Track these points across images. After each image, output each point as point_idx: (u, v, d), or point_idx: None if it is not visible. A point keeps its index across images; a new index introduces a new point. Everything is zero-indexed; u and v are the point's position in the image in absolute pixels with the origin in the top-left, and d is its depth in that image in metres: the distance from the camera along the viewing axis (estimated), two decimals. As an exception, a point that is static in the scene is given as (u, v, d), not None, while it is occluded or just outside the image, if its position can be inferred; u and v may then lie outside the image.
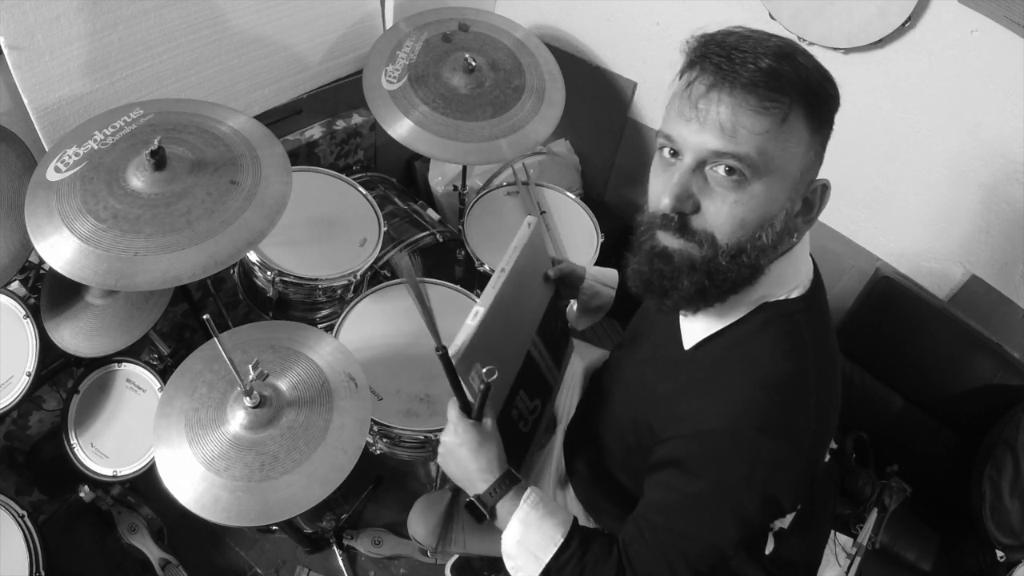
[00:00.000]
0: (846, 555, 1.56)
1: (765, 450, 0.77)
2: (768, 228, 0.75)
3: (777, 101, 0.70)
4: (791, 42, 0.74)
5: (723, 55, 0.71)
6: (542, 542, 0.87)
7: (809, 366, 0.80)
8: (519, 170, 1.87)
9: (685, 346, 0.87)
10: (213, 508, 1.03)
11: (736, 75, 0.70)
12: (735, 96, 0.70)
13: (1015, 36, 1.32)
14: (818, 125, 0.73)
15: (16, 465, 1.67)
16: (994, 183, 1.48)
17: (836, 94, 0.75)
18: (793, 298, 0.82)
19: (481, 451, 0.90)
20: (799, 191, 0.76)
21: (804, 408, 0.79)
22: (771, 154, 0.72)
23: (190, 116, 1.29)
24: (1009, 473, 1.47)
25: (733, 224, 0.74)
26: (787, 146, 0.72)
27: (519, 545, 0.88)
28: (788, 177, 0.74)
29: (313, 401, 1.16)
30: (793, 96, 0.70)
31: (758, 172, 0.72)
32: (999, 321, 1.60)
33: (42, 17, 1.32)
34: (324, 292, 1.53)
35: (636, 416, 0.93)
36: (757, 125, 0.70)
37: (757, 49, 0.71)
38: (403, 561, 1.76)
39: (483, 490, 0.90)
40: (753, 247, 0.75)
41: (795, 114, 0.71)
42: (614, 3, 1.94)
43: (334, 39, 1.88)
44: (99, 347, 1.37)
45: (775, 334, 0.80)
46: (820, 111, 0.73)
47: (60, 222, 1.11)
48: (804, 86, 0.71)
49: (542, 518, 0.89)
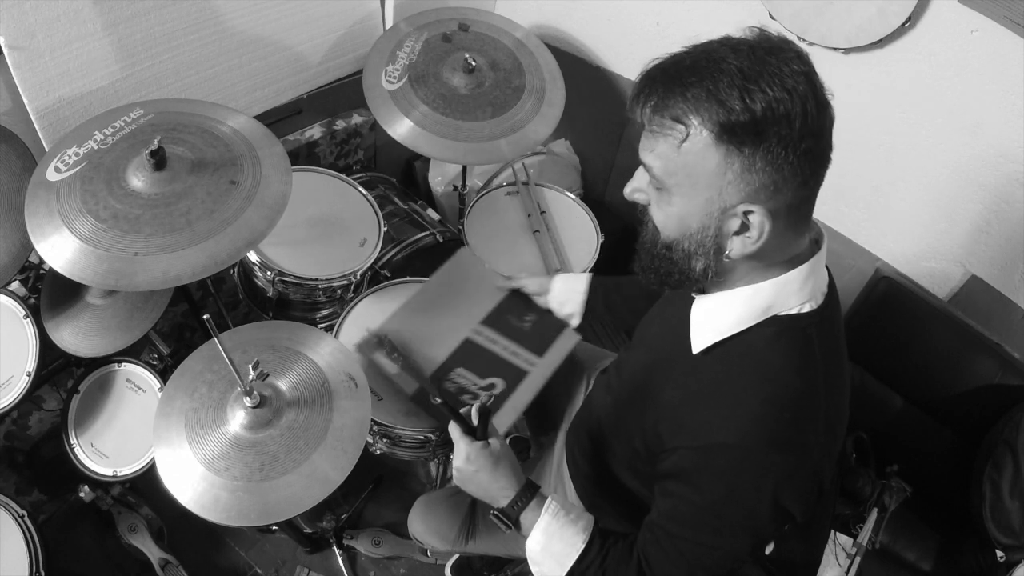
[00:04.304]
0: (846, 555, 1.56)
1: (775, 464, 0.78)
2: (689, 238, 0.80)
3: (666, 126, 0.73)
4: (725, 66, 0.70)
5: (642, 78, 0.76)
6: (565, 549, 0.92)
7: (819, 383, 0.81)
8: (519, 170, 1.87)
9: (694, 350, 0.88)
10: (213, 508, 1.03)
11: (641, 98, 0.75)
12: (643, 119, 0.76)
13: (1015, 36, 1.32)
14: (733, 149, 0.71)
15: (16, 465, 1.67)
16: (994, 183, 1.48)
17: (760, 120, 0.69)
18: (805, 312, 0.82)
19: (498, 471, 0.96)
20: (719, 209, 0.76)
21: (813, 423, 0.80)
22: (672, 172, 0.76)
23: (190, 116, 1.29)
24: (1009, 473, 1.47)
25: (660, 223, 0.83)
26: (689, 167, 0.74)
27: (544, 552, 0.94)
28: (698, 195, 0.76)
29: (313, 401, 1.16)
30: (692, 122, 0.72)
31: (665, 185, 0.78)
32: (999, 321, 1.60)
33: (42, 17, 1.32)
34: (324, 292, 1.53)
35: (643, 420, 0.94)
36: (655, 145, 0.76)
37: (674, 72, 0.73)
38: (403, 561, 1.76)
39: (504, 505, 0.96)
40: (679, 248, 0.81)
41: (698, 138, 0.72)
42: (614, 3, 1.94)
43: (334, 39, 1.88)
44: (99, 347, 1.37)
45: (786, 349, 0.81)
46: (734, 137, 0.70)
47: (60, 222, 1.11)
48: (708, 114, 0.70)
49: (563, 526, 0.93)
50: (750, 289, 0.82)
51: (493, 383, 1.27)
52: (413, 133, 1.52)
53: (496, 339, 1.32)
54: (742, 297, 0.83)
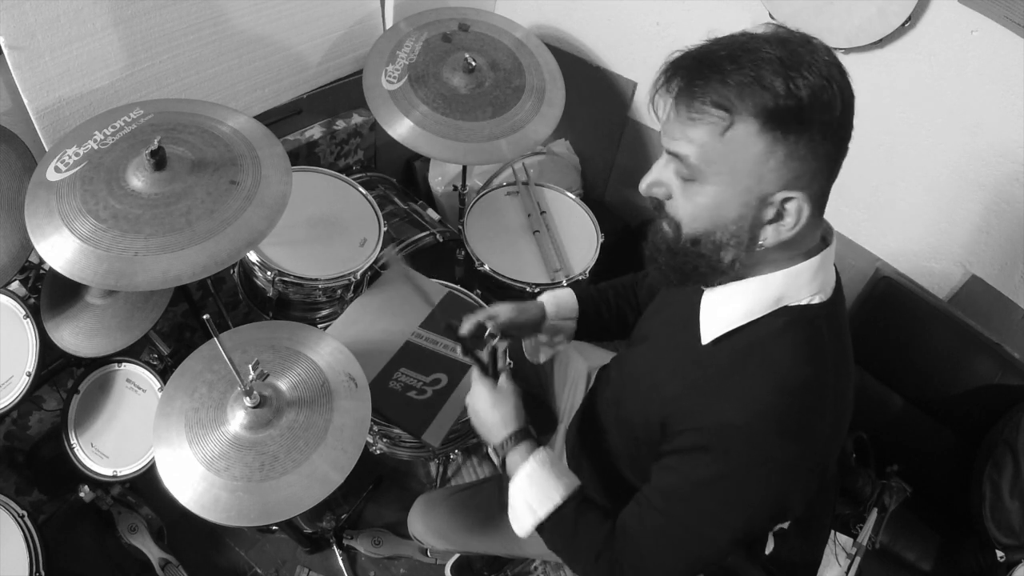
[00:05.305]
0: (846, 555, 1.56)
1: (780, 451, 0.78)
2: (723, 229, 0.78)
3: (708, 113, 0.72)
4: (764, 55, 0.71)
5: (669, 66, 0.75)
6: (540, 497, 0.94)
7: (828, 373, 0.81)
8: (519, 170, 1.87)
9: (703, 341, 0.88)
10: (213, 508, 1.03)
11: (671, 85, 0.74)
12: (676, 104, 0.75)
13: (1015, 36, 1.32)
14: (779, 136, 0.71)
15: (16, 465, 1.67)
16: (994, 183, 1.48)
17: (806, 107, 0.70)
18: (815, 304, 0.83)
19: (496, 407, 1.01)
20: (757, 198, 0.76)
21: (821, 413, 0.80)
22: (712, 160, 0.74)
23: (190, 116, 1.29)
24: (1009, 473, 1.47)
25: (687, 216, 0.80)
26: (732, 155, 0.73)
27: (520, 497, 0.95)
28: (737, 185, 0.75)
29: (313, 401, 1.16)
30: (738, 109, 0.71)
31: (701, 175, 0.76)
32: (999, 321, 1.60)
33: (42, 17, 1.32)
34: (324, 292, 1.53)
35: (647, 415, 0.94)
36: (691, 133, 0.74)
37: (709, 60, 0.72)
38: (403, 561, 1.76)
39: (497, 442, 1.00)
40: (710, 241, 0.79)
41: (742, 126, 0.72)
42: (614, 3, 1.94)
43: (334, 39, 1.88)
44: (99, 347, 1.37)
45: (796, 338, 0.81)
46: (780, 124, 0.71)
47: (60, 222, 1.11)
48: (753, 101, 0.70)
49: (547, 477, 0.95)
50: (760, 280, 0.82)
51: (438, 378, 1.42)
52: (413, 133, 1.52)
53: (436, 339, 1.47)
54: (753, 287, 0.83)
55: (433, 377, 1.42)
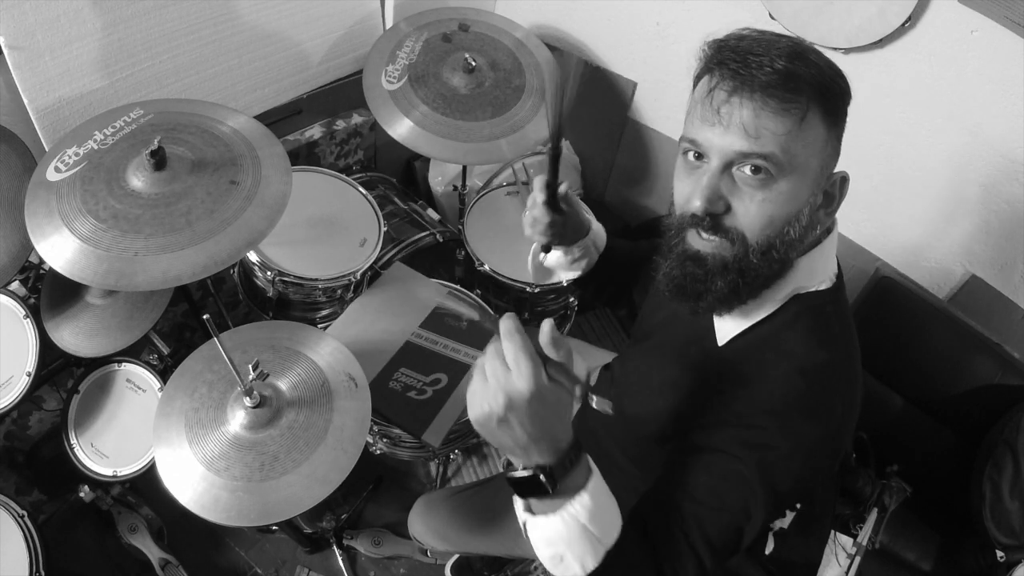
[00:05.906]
0: (846, 555, 1.56)
1: (805, 435, 0.78)
2: (795, 223, 0.78)
3: (795, 101, 0.73)
4: (801, 41, 0.76)
5: (739, 60, 0.74)
6: (605, 525, 0.73)
7: (840, 356, 0.83)
8: (519, 170, 1.87)
9: (719, 343, 0.88)
10: (213, 508, 1.03)
11: (754, 78, 0.72)
12: (755, 100, 0.73)
13: (1015, 36, 1.31)
14: (834, 120, 0.77)
15: (16, 465, 1.67)
16: (994, 183, 1.48)
17: (847, 88, 0.77)
18: (822, 290, 0.84)
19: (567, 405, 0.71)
20: (820, 185, 0.79)
21: (839, 393, 0.81)
22: (793, 152, 0.74)
23: (190, 116, 1.29)
24: (1009, 473, 1.47)
25: (762, 222, 0.77)
26: (807, 143, 0.75)
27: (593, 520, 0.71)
28: (810, 172, 0.77)
29: (313, 401, 1.16)
30: (809, 95, 0.73)
31: (783, 170, 0.75)
32: (999, 321, 1.60)
33: (42, 17, 1.32)
34: (324, 292, 1.53)
35: (658, 412, 0.93)
36: (779, 126, 0.73)
37: (771, 51, 0.73)
38: (403, 561, 1.76)
39: (563, 448, 0.70)
40: (781, 243, 0.78)
41: (812, 112, 0.74)
42: (614, 3, 1.94)
43: (334, 39, 1.88)
44: (99, 347, 1.37)
45: (807, 325, 0.83)
46: (835, 106, 0.76)
47: (60, 222, 1.11)
48: (818, 84, 0.74)
49: (609, 498, 0.75)
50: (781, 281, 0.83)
51: (438, 378, 1.42)
52: (413, 133, 1.52)
53: (436, 339, 1.49)
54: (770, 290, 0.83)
55: (433, 377, 1.42)
